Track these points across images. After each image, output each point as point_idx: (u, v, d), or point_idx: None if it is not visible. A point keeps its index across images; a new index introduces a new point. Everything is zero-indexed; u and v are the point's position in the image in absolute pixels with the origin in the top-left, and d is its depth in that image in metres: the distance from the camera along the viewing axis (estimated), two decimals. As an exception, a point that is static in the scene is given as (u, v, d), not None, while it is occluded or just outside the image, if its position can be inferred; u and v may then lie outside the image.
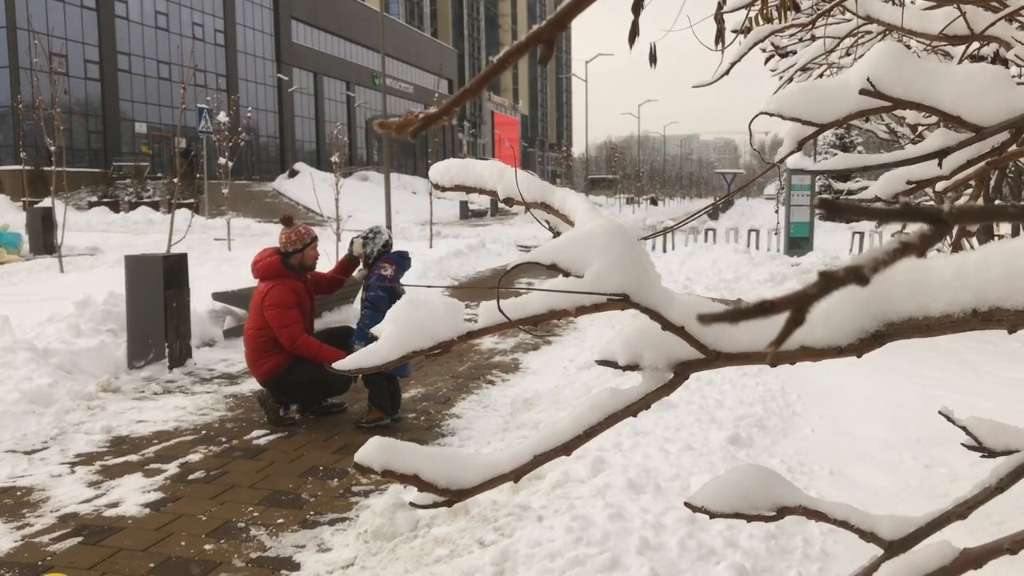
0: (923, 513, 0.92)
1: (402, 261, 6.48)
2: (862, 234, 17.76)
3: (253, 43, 55.91)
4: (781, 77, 4.90)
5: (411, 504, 0.95)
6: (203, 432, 6.14)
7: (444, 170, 1.35)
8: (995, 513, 3.76)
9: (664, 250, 18.73)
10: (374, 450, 0.92)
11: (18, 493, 4.95)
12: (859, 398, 6.14)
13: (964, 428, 1.08)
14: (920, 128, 3.11)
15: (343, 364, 1.04)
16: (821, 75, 4.73)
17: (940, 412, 1.16)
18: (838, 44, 3.74)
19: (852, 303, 0.83)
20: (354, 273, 6.75)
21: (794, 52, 4.81)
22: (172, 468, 5.38)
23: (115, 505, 4.77)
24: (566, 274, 0.85)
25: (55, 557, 4.10)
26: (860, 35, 3.71)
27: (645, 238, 1.10)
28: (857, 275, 0.42)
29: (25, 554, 4.13)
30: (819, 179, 33.31)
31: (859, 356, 0.84)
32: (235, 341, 8.90)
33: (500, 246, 22.86)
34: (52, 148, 15.36)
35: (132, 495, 4.93)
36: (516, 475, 0.90)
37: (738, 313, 0.45)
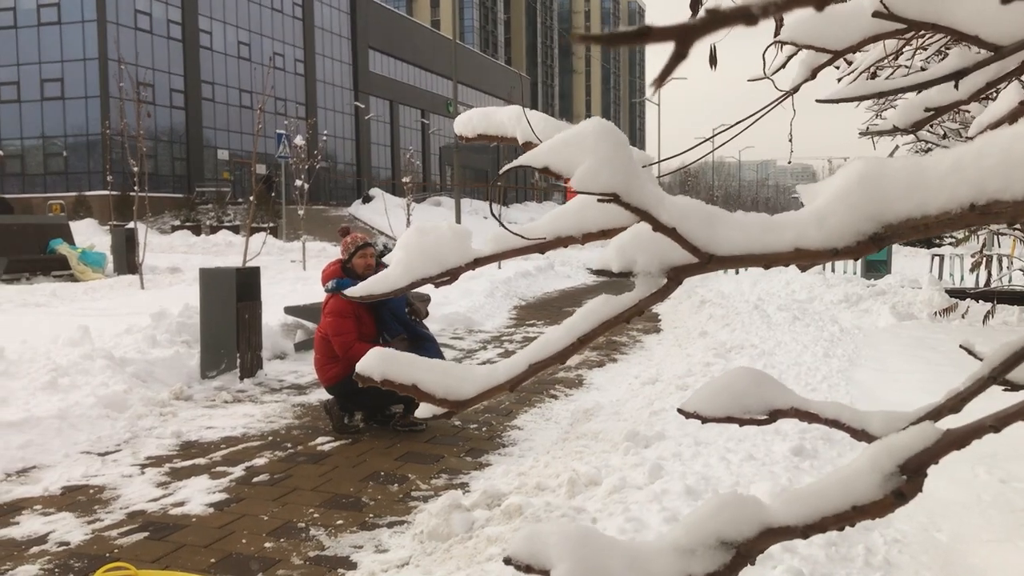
0: (916, 408, 0.89)
1: None
2: (942, 257, 17.17)
3: (332, 72, 57.29)
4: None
5: (413, 419, 0.95)
6: (269, 438, 6.25)
7: (467, 120, 1.36)
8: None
9: (736, 271, 18.41)
10: (374, 360, 0.93)
11: (91, 491, 5.11)
12: (932, 414, 5.94)
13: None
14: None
15: (354, 291, 1.05)
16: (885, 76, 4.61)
17: (961, 346, 1.12)
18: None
19: (848, 205, 0.81)
20: None
21: (849, 63, 4.71)
22: (238, 471, 5.49)
23: (181, 504, 4.89)
24: (557, 177, 0.86)
25: (121, 550, 4.21)
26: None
27: None
28: (745, 14, 0.42)
29: (94, 546, 4.26)
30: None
31: (856, 259, 0.82)
32: (305, 354, 9.06)
33: (569, 268, 22.79)
34: (135, 169, 15.92)
35: (198, 495, 5.04)
36: (511, 384, 0.90)
37: (613, 37, 0.44)
